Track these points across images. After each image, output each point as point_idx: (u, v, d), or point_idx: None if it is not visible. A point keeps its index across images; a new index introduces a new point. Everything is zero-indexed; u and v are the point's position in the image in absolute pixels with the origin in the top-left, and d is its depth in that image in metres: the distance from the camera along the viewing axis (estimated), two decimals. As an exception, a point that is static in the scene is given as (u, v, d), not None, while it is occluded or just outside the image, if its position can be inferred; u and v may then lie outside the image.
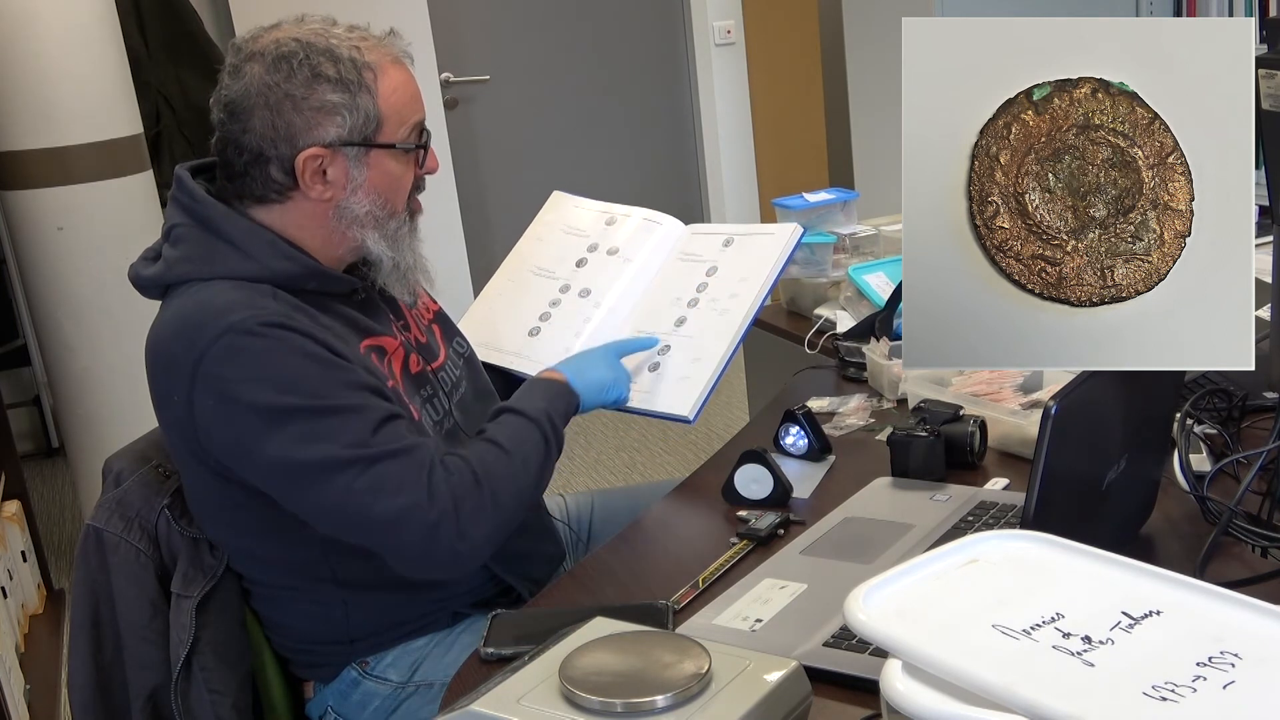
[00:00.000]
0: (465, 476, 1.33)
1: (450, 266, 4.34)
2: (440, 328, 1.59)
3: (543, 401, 1.48)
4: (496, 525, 1.35)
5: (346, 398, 1.30)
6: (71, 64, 2.95)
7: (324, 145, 1.35)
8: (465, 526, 1.31)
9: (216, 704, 1.39)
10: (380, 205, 1.40)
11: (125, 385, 3.00)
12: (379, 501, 1.28)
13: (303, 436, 1.28)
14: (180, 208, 1.39)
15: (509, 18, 4.56)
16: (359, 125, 1.36)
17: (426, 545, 1.30)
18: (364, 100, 1.36)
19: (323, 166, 1.36)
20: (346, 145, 1.36)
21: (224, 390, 1.28)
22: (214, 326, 1.28)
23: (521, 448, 1.41)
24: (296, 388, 1.28)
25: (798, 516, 1.41)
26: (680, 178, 4.99)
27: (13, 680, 2.41)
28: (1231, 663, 0.71)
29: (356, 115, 1.36)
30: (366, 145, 1.37)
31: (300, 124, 1.35)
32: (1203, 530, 1.23)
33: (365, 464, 1.28)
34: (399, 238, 1.43)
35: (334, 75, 1.34)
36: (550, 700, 0.91)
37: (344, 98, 1.35)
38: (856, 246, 2.29)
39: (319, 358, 1.31)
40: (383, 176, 1.40)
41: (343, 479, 1.28)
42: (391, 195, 1.42)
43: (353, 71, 1.35)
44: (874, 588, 0.78)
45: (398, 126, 1.39)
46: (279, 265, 1.36)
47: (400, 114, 1.39)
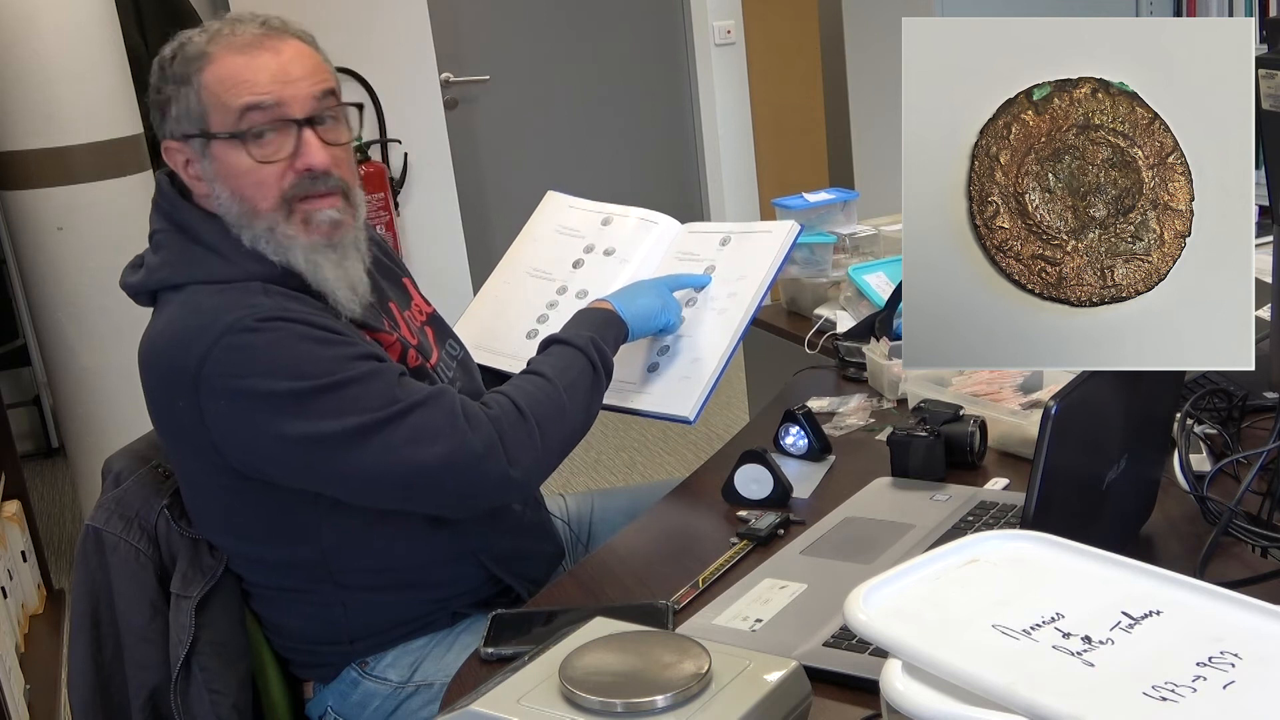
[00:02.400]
0: (508, 409, 1.37)
1: (450, 266, 4.35)
2: (433, 330, 1.59)
3: (589, 330, 1.52)
4: (547, 450, 1.39)
5: (360, 366, 1.32)
6: (71, 64, 2.95)
7: (170, 138, 1.37)
8: (514, 454, 1.35)
9: (216, 704, 1.39)
10: (237, 200, 1.36)
11: (125, 385, 2.99)
12: (421, 449, 1.30)
13: (329, 411, 1.29)
14: (160, 213, 1.41)
15: (509, 18, 4.56)
16: (185, 115, 1.35)
17: (478, 479, 1.34)
18: (187, 91, 1.35)
19: (189, 160, 1.37)
20: (189, 138, 1.36)
21: (234, 389, 1.28)
22: (211, 330, 1.28)
23: (567, 373, 1.45)
24: (308, 371, 1.29)
25: (798, 516, 1.41)
26: (680, 178, 4.99)
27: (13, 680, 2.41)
28: (1231, 663, 0.71)
29: (182, 105, 1.36)
30: (202, 136, 1.35)
31: (156, 119, 1.39)
32: (1203, 530, 1.23)
33: (399, 418, 1.30)
34: (279, 238, 1.35)
35: (170, 70, 1.36)
36: (550, 700, 0.91)
37: (173, 89, 1.36)
38: (856, 246, 2.29)
39: (322, 339, 1.31)
40: (226, 169, 1.35)
41: (380, 438, 1.30)
42: (244, 190, 1.35)
43: (180, 64, 1.36)
44: (874, 588, 0.78)
45: (223, 115, 1.33)
46: (255, 268, 1.36)
47: (221, 101, 1.33)
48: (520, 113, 4.66)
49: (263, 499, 1.36)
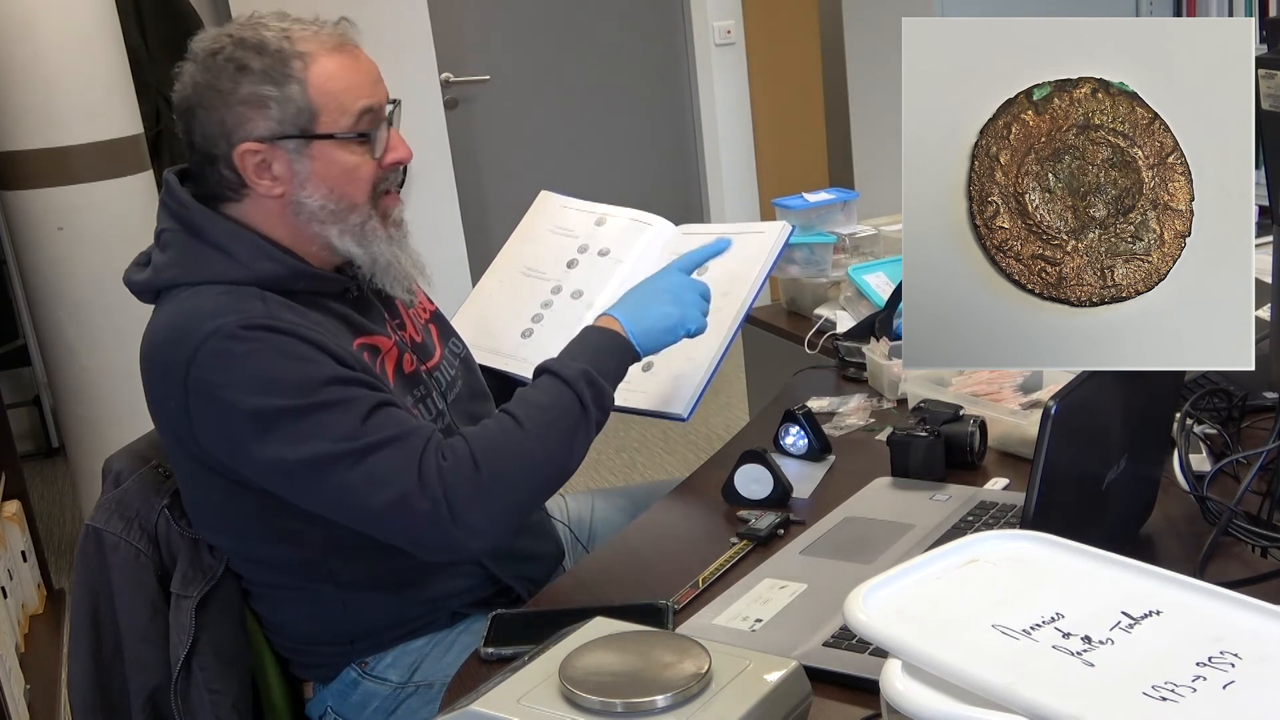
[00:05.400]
0: (462, 460, 1.30)
1: (450, 266, 4.34)
2: (437, 327, 1.59)
3: (583, 361, 1.41)
4: (503, 508, 1.31)
5: (332, 393, 1.29)
6: (71, 64, 2.95)
7: (258, 140, 1.33)
8: (459, 513, 1.28)
9: (216, 704, 1.39)
10: (334, 199, 1.37)
11: (125, 385, 2.99)
12: (372, 494, 1.27)
13: (292, 436, 1.27)
14: (168, 212, 1.39)
15: (509, 18, 4.56)
16: (290, 117, 1.33)
17: (421, 534, 1.29)
18: (293, 90, 1.33)
19: (265, 162, 1.34)
20: (283, 138, 1.34)
21: (213, 395, 1.28)
22: (199, 332, 1.28)
23: (546, 414, 1.36)
24: (279, 388, 1.27)
25: (798, 516, 1.41)
26: (680, 178, 4.99)
27: (13, 680, 2.41)
28: (1231, 663, 0.71)
29: (286, 107, 1.33)
30: (305, 137, 1.34)
31: (231, 120, 1.33)
32: (1203, 530, 1.23)
33: (356, 457, 1.27)
34: (367, 233, 1.39)
35: (259, 67, 1.32)
36: (550, 700, 0.91)
37: (271, 90, 1.32)
38: (856, 246, 2.29)
39: (303, 355, 1.29)
40: (329, 168, 1.36)
41: (335, 474, 1.27)
42: (344, 188, 1.37)
43: (279, 63, 1.33)
44: (874, 588, 0.78)
45: (338, 115, 1.35)
46: (264, 267, 1.35)
47: (338, 102, 1.35)
48: (520, 113, 4.65)
49: (257, 499, 1.35)
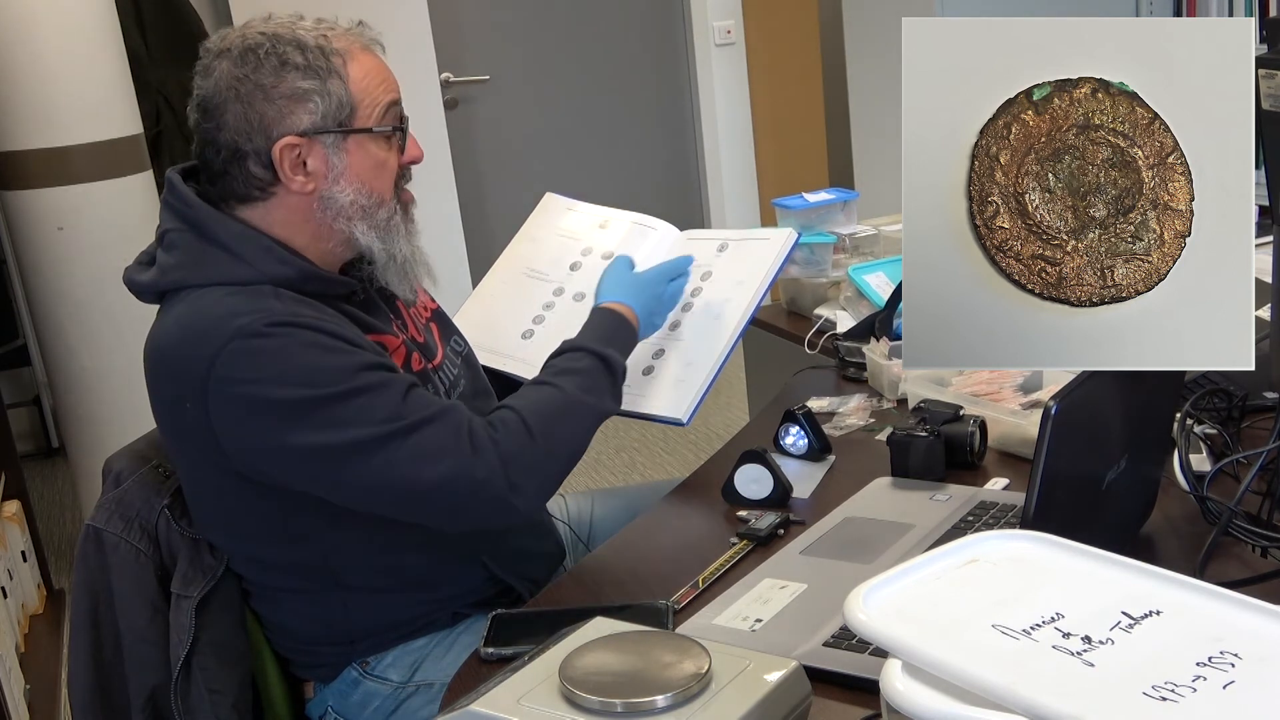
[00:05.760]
0: (514, 430, 1.36)
1: (450, 266, 4.34)
2: (438, 326, 1.59)
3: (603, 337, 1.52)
4: (557, 471, 1.39)
5: (367, 377, 1.31)
6: (71, 64, 2.95)
7: (299, 133, 1.34)
8: (517, 480, 1.33)
9: (216, 704, 1.39)
10: (365, 194, 1.39)
11: (125, 385, 3.00)
12: (424, 469, 1.30)
13: (334, 422, 1.28)
14: (172, 212, 1.38)
15: (509, 18, 4.56)
16: (332, 111, 1.35)
17: (477, 503, 1.33)
18: (334, 85, 1.35)
19: (301, 157, 1.35)
20: (322, 133, 1.35)
21: (242, 394, 1.28)
22: (221, 332, 1.28)
23: (581, 380, 1.45)
24: (316, 379, 1.28)
25: (798, 516, 1.41)
26: (680, 178, 4.99)
27: (13, 680, 2.41)
28: (1231, 663, 0.71)
29: (328, 101, 1.35)
30: (343, 131, 1.36)
31: (273, 114, 1.34)
32: (1203, 530, 1.23)
33: (403, 434, 1.29)
34: (390, 229, 1.42)
35: (302, 62, 1.34)
36: (550, 700, 0.91)
37: (314, 84, 1.34)
38: (856, 246, 2.29)
39: (331, 347, 1.31)
40: (363, 162, 1.38)
41: (383, 454, 1.29)
42: (375, 182, 1.40)
43: (320, 58, 1.34)
44: (874, 588, 0.78)
45: (371, 110, 1.38)
46: (274, 270, 1.35)
47: (373, 97, 1.38)
48: (520, 113, 4.65)
49: (265, 501, 1.35)
